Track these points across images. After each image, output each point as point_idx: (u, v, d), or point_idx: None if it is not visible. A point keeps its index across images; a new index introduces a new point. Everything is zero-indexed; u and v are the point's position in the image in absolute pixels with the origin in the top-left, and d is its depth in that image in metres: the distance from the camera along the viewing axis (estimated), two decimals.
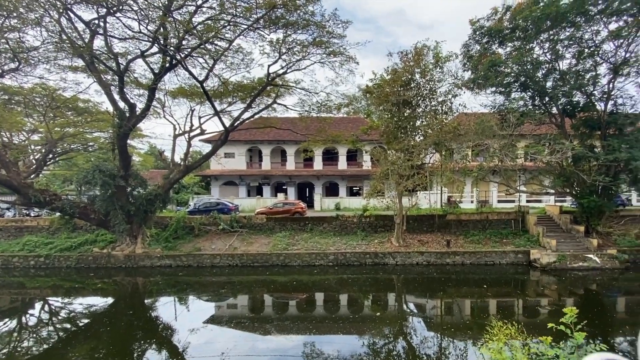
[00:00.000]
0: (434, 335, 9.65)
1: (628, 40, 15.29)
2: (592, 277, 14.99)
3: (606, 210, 17.08)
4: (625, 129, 16.44)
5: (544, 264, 15.64)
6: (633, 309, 12.03)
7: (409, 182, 15.87)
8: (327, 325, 10.26)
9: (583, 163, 16.69)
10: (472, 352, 8.31)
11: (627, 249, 16.38)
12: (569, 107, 17.16)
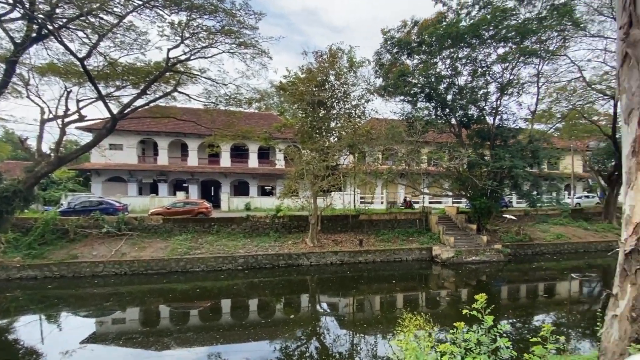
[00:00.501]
0: (347, 332, 10.26)
1: (512, 64, 18.92)
2: (483, 269, 17.97)
3: (493, 211, 20.88)
4: (509, 141, 20.41)
5: (444, 259, 18.30)
6: (514, 295, 14.89)
7: (324, 183, 16.69)
8: (236, 333, 10.17)
9: (476, 169, 20.04)
10: (382, 345, 9.12)
11: (509, 244, 20.29)
12: (465, 119, 20.46)
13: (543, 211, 23.92)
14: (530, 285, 16.12)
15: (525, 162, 19.61)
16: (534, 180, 20.89)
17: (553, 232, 22.48)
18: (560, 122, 26.57)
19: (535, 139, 21.38)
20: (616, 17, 5.08)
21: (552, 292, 15.56)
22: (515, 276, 17.49)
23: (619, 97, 5.27)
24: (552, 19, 17.41)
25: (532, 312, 12.37)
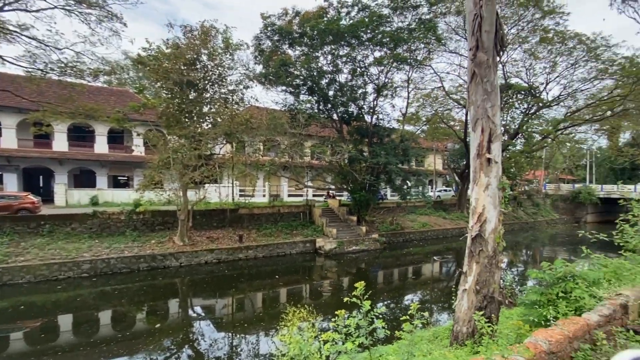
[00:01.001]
0: (225, 335, 10.17)
1: (387, 68, 22.03)
2: (362, 257, 20.29)
3: (371, 203, 23.99)
4: (385, 139, 23.77)
5: (327, 250, 19.97)
6: (388, 279, 17.28)
7: (196, 174, 16.10)
8: (81, 354, 8.91)
9: (356, 164, 22.50)
10: (265, 343, 9.29)
11: (384, 233, 23.55)
12: (346, 116, 22.95)
13: (412, 203, 28.70)
14: (402, 269, 19.07)
15: (397, 159, 23.17)
16: (404, 176, 24.94)
17: (419, 221, 27.32)
18: (425, 125, 32.54)
19: (405, 139, 25.50)
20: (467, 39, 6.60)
21: (419, 273, 18.90)
22: (390, 262, 20.31)
23: (468, 108, 6.77)
24: (420, 31, 21.01)
25: (404, 293, 14.81)
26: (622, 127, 38.12)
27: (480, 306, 5.38)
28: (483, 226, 5.37)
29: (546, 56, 26.41)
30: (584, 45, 24.50)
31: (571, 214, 38.57)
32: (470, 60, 5.54)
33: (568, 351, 3.14)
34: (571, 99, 29.73)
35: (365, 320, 2.64)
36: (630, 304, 4.13)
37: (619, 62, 24.68)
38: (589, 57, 25.16)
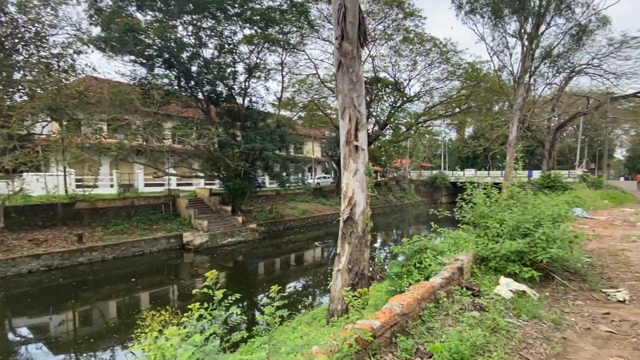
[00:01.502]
0: (66, 356, 8.83)
1: (258, 48, 21.62)
2: (240, 249, 19.82)
3: (247, 192, 23.55)
4: (259, 124, 23.48)
5: (197, 245, 18.77)
6: (270, 268, 17.31)
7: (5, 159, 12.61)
8: None
9: (228, 149, 21.60)
10: (122, 357, 8.28)
11: (263, 222, 23.52)
12: (213, 96, 21.65)
13: (291, 191, 29.67)
14: (284, 257, 19.45)
15: (274, 145, 23.32)
16: (282, 163, 25.38)
17: (300, 208, 28.47)
18: (302, 111, 33.90)
19: (282, 124, 25.85)
20: (333, 29, 6.82)
21: (302, 260, 19.58)
22: (270, 252, 20.52)
23: (336, 96, 7.16)
24: (292, 14, 21.22)
25: (286, 281, 15.03)
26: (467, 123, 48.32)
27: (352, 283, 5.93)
28: (353, 209, 5.87)
29: (408, 55, 30.82)
30: (438, 49, 29.71)
31: (430, 196, 47.04)
32: (336, 49, 5.91)
33: (417, 311, 3.68)
34: (429, 96, 35.90)
35: (220, 309, 2.47)
36: (465, 266, 5.18)
37: (463, 66, 30.85)
38: (442, 59, 30.64)
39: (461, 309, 4.01)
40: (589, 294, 4.90)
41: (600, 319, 4.04)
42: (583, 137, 48.05)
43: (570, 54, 23.54)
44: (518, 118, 20.96)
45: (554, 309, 4.37)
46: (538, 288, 5.00)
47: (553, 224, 5.66)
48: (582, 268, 5.84)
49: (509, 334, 3.53)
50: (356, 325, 2.94)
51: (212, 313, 2.38)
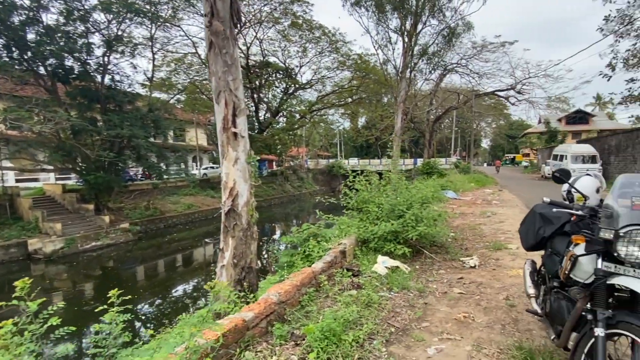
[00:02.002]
0: None
1: (119, 18, 19.24)
2: (109, 254, 17.73)
3: (115, 186, 21.00)
4: (125, 107, 21.04)
5: (49, 253, 16.30)
6: (151, 273, 15.72)
7: None
8: None
9: (85, 137, 18.93)
10: None
11: (138, 220, 21.39)
12: (61, 71, 18.56)
13: (172, 183, 27.68)
14: (168, 258, 18.10)
15: (146, 131, 21.24)
16: (158, 152, 23.40)
17: (184, 202, 26.69)
18: (181, 94, 31.65)
19: (156, 108, 23.70)
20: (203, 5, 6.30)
21: (190, 259, 18.52)
22: (150, 254, 18.86)
23: (210, 79, 6.67)
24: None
25: (173, 284, 13.96)
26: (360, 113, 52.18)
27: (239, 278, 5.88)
28: (235, 200, 5.79)
29: (298, 41, 31.61)
30: (327, 37, 31.17)
31: (329, 184, 49.50)
32: (206, 28, 5.70)
33: (297, 297, 3.86)
34: (321, 84, 37.52)
35: (36, 323, 2.15)
36: (347, 249, 5.65)
37: (353, 57, 33.13)
38: (332, 48, 32.30)
39: (340, 289, 4.37)
40: (450, 263, 5.91)
41: (455, 283, 4.91)
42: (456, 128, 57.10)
43: (443, 53, 27.53)
44: (402, 110, 23.65)
45: (421, 279, 5.14)
46: (410, 263, 5.80)
47: (422, 206, 6.62)
48: (447, 242, 7.00)
49: (381, 306, 4.01)
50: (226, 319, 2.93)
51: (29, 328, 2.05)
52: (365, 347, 3.13)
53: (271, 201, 35.32)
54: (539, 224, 3.09)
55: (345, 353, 2.93)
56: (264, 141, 32.57)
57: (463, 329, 3.56)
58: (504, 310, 3.99)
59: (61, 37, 17.68)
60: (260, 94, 34.55)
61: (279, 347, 3.05)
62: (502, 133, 68.07)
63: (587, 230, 2.34)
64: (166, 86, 29.34)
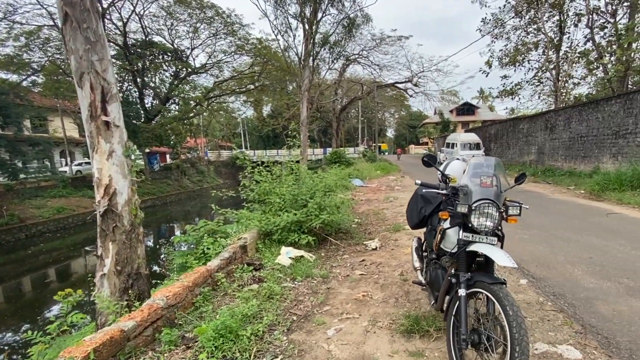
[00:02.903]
0: None
1: None
2: None
3: None
4: None
5: None
6: (12, 295, 13.97)
7: None
8: None
9: None
10: None
11: None
12: None
13: (33, 183, 24.13)
14: (36, 274, 16.05)
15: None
16: (10, 146, 20.16)
17: (52, 206, 23.48)
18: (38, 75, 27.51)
19: (3, 92, 20.36)
20: None
21: (68, 273, 16.49)
22: (9, 270, 16.49)
23: (68, 57, 5.72)
24: None
25: (45, 306, 12.20)
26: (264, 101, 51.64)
27: (125, 287, 5.44)
28: (113, 199, 5.31)
29: (188, 20, 30.00)
30: (221, 18, 30.12)
31: (233, 177, 48.08)
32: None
33: (190, 299, 3.76)
34: (217, 69, 36.18)
35: None
36: (248, 243, 5.65)
37: (252, 41, 32.57)
38: (227, 30, 31.32)
39: (240, 285, 4.38)
40: (354, 248, 6.35)
41: (357, 266, 5.32)
42: (363, 118, 60.68)
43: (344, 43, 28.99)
44: (307, 99, 24.25)
45: (326, 265, 5.43)
46: (315, 251, 6.07)
47: (325, 194, 6.95)
48: (351, 228, 7.48)
49: (283, 297, 4.14)
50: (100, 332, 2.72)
51: None
52: (265, 339, 3.21)
53: (166, 199, 33.24)
54: (420, 204, 3.56)
55: (242, 348, 2.97)
56: (152, 131, 30.22)
57: (362, 307, 3.90)
58: (398, 285, 4.48)
59: None
60: (144, 78, 31.83)
61: (167, 353, 2.94)
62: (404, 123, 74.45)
63: (451, 207, 2.77)
64: (15, 65, 25.06)
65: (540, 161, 18.87)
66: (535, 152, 19.62)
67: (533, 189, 13.03)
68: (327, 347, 3.11)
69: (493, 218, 2.52)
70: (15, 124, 21.64)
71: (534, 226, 7.29)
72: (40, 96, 29.64)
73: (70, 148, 32.70)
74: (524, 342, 2.11)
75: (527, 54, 23.41)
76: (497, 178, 2.66)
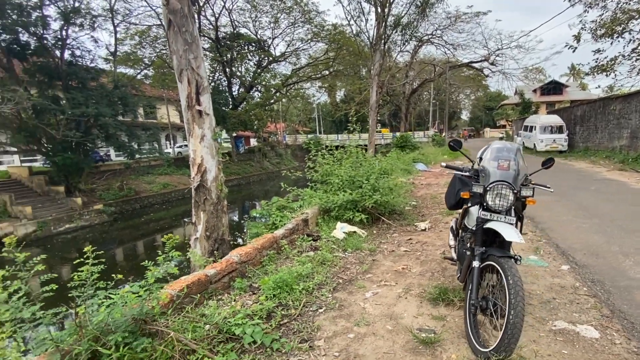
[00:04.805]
0: None
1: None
2: (83, 236, 17.96)
3: (85, 167, 20.95)
4: (89, 83, 20.64)
5: (22, 237, 16.14)
6: (129, 253, 16.04)
7: None
8: None
9: (48, 116, 18.64)
10: None
11: (112, 201, 21.48)
12: (15, 47, 17.96)
13: (146, 162, 27.60)
14: (147, 239, 18.35)
15: (114, 109, 21.02)
16: (128, 131, 23.21)
17: (159, 182, 26.75)
18: (148, 69, 30.90)
19: (122, 85, 23.28)
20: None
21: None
22: (127, 234, 19.09)
23: (171, 57, 6.80)
24: None
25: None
26: (337, 86, 51.98)
27: (212, 250, 6.43)
28: (204, 176, 6.23)
29: (269, 11, 31.04)
30: (299, 7, 30.73)
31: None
32: (164, 6, 5.91)
33: (258, 258, 4.48)
34: (295, 57, 37.18)
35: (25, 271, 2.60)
36: (310, 218, 6.27)
37: (327, 28, 32.83)
38: (305, 19, 31.88)
39: (299, 251, 5.01)
40: (405, 228, 6.64)
41: (404, 243, 5.65)
42: (434, 101, 57.98)
43: (417, 24, 27.78)
44: (377, 83, 24.04)
45: (375, 241, 5.84)
46: (368, 228, 6.49)
47: (382, 176, 7.27)
48: (405, 210, 7.73)
49: (334, 264, 4.68)
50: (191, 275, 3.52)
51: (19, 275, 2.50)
52: (313, 294, 3.79)
53: (249, 178, 35.57)
54: (457, 186, 3.76)
55: (294, 298, 3.58)
56: (238, 117, 32.41)
57: (399, 277, 4.28)
58: (437, 262, 4.74)
59: (12, 10, 17.01)
60: (232, 68, 34.00)
61: (238, 296, 3.66)
62: (479, 105, 69.43)
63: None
64: (131, 61, 28.53)
65: (633, 147, 16.49)
66: (627, 136, 17.20)
67: (616, 177, 11.68)
68: (363, 305, 3.59)
69: (507, 198, 2.72)
70: (132, 112, 24.75)
71: (597, 215, 6.85)
72: (150, 87, 33.40)
73: (173, 132, 36.55)
74: (519, 307, 2.35)
75: (627, 24, 20.04)
76: (517, 162, 2.83)
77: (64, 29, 19.28)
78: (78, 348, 2.13)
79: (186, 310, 2.97)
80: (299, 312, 3.39)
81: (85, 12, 19.98)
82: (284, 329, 3.13)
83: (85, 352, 2.13)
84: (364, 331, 3.09)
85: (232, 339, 2.82)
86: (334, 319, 3.32)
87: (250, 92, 36.44)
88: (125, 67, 28.81)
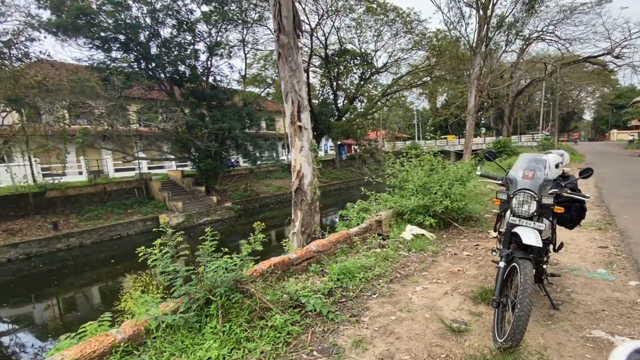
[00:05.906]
0: (53, 340, 8.97)
1: (218, 26, 22.08)
2: (216, 227, 20.41)
3: (220, 171, 24.64)
4: (225, 103, 24.25)
5: (174, 226, 19.75)
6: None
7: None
8: None
9: (196, 130, 22.40)
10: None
11: (238, 200, 24.79)
12: (176, 76, 22.15)
13: (265, 168, 30.91)
14: (264, 233, 20.73)
15: (242, 123, 24.25)
16: (253, 141, 26.44)
17: (274, 185, 29.77)
18: (270, 87, 34.46)
19: (249, 102, 26.60)
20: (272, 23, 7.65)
21: (281, 235, 20.54)
22: (248, 229, 20.76)
23: (280, 83, 8.11)
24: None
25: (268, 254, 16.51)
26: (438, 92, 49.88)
27: (305, 244, 7.36)
28: (301, 181, 7.21)
29: (373, 25, 31.60)
30: (402, 19, 30.57)
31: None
32: (275, 42, 6.98)
33: (332, 250, 5.17)
34: (396, 67, 36.98)
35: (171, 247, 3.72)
36: (383, 219, 6.72)
37: (428, 35, 31.98)
38: (406, 29, 31.56)
39: (368, 248, 5.54)
40: (477, 235, 6.56)
41: (469, 248, 5.67)
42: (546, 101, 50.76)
43: (524, 21, 25.09)
44: (476, 87, 22.59)
45: (442, 245, 5.98)
46: (438, 232, 6.62)
47: (458, 183, 7.26)
48: (479, 216, 7.52)
49: (395, 260, 5.09)
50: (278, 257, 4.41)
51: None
52: (371, 282, 4.32)
53: (349, 183, 36.60)
54: None
55: (354, 284, 4.17)
56: (341, 127, 33.77)
57: (452, 277, 4.49)
58: (495, 267, 4.74)
59: (174, 48, 21.04)
60: (338, 82, 35.56)
61: (312, 277, 4.42)
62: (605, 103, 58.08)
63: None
64: (257, 81, 32.35)
65: None
66: None
67: None
68: (410, 296, 3.98)
69: (530, 205, 2.88)
70: (256, 125, 28.06)
71: None
72: (271, 102, 37.24)
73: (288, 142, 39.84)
74: (525, 302, 2.56)
75: None
76: (543, 172, 2.96)
77: (209, 60, 23.04)
78: (198, 294, 3.13)
79: (270, 281, 3.84)
80: (355, 295, 3.98)
81: (225, 44, 23.49)
82: (340, 305, 3.76)
83: (202, 297, 3.13)
84: (405, 316, 3.52)
85: (299, 305, 3.57)
86: (383, 303, 3.81)
87: (353, 103, 37.53)
88: (253, 87, 32.75)
